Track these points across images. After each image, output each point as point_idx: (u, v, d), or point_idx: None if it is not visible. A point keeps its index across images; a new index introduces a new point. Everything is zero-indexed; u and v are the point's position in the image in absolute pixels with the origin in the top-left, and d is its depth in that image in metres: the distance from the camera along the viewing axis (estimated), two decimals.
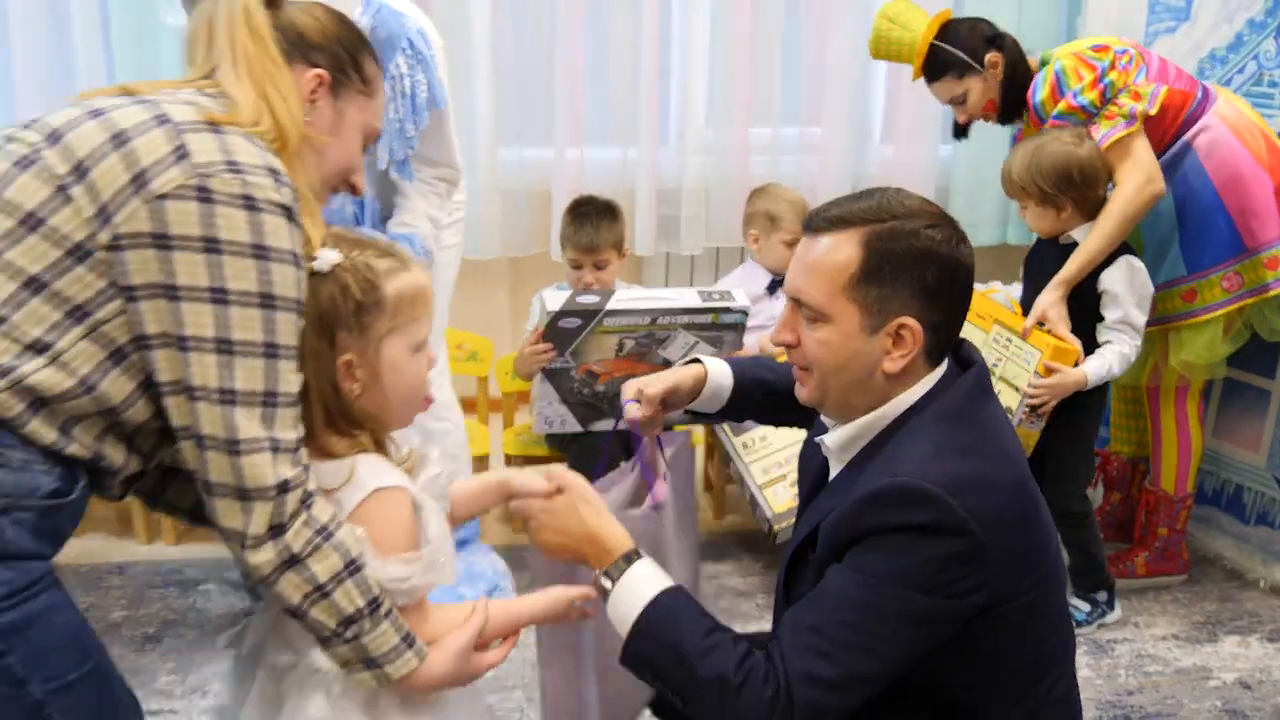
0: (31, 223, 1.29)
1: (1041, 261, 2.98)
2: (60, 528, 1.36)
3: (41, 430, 1.30)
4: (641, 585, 1.53)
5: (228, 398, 1.31)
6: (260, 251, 1.31)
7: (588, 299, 2.82)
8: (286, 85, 1.45)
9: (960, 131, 3.20)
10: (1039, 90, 2.92)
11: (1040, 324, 2.82)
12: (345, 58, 1.54)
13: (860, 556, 1.46)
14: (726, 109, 4.03)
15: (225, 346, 1.30)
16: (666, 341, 2.89)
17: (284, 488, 1.33)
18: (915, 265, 1.50)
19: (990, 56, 2.97)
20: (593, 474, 1.77)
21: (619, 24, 3.92)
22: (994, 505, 1.44)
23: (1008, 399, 2.83)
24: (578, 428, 3.12)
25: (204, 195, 1.29)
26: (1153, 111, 2.85)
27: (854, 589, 1.44)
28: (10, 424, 1.28)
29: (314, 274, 1.41)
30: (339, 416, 1.46)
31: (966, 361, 1.63)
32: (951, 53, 2.99)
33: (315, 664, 1.43)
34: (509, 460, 3.42)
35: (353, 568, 1.38)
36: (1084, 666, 2.87)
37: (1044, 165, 2.80)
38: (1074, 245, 2.88)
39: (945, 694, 1.56)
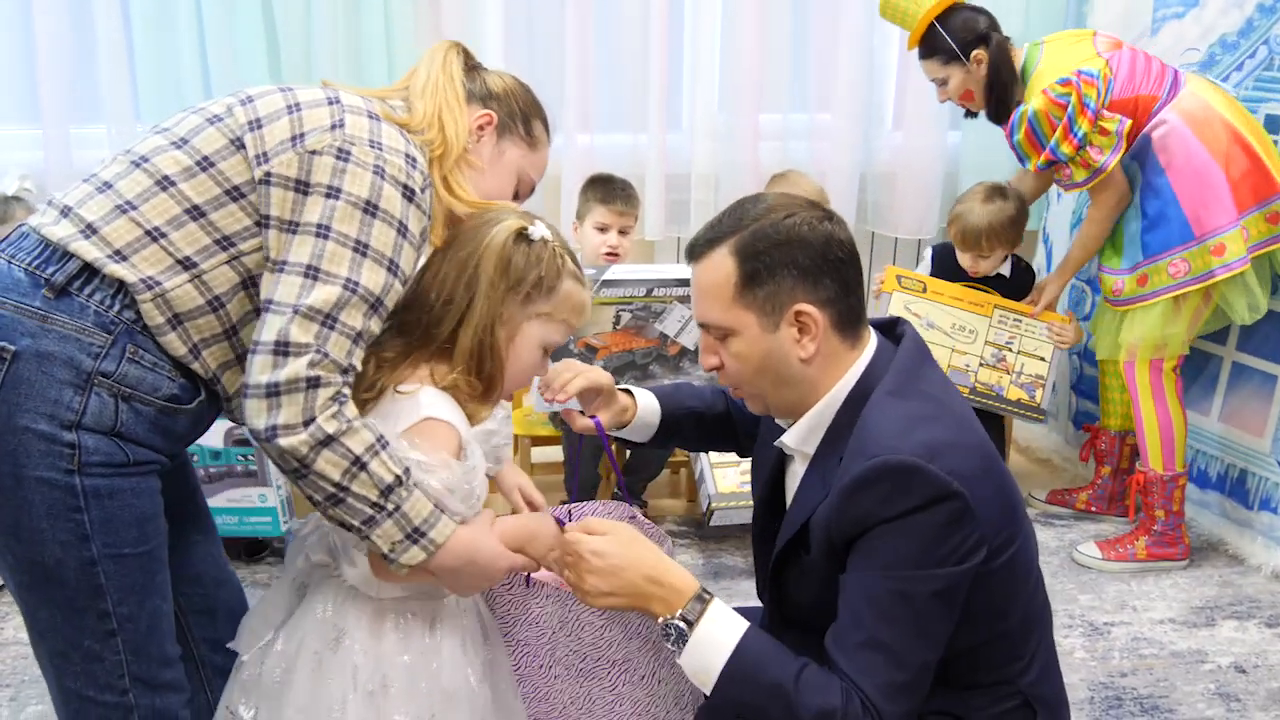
0: (205, 164, 1.55)
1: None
2: (175, 429, 1.60)
3: (175, 343, 1.55)
4: (722, 628, 1.53)
5: (295, 309, 1.48)
6: (370, 208, 1.52)
7: (585, 271, 2.86)
8: (460, 113, 1.73)
9: (970, 113, 3.39)
10: (1016, 130, 3.12)
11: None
12: (516, 111, 1.81)
13: (871, 555, 1.50)
14: (736, 95, 4.04)
15: (312, 272, 1.50)
16: (663, 315, 2.92)
17: (315, 383, 1.48)
18: (786, 254, 1.58)
19: (977, 53, 3.16)
20: (575, 467, 1.85)
21: (629, 10, 3.94)
22: (966, 463, 1.50)
23: (1036, 367, 3.41)
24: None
25: (343, 155, 1.53)
26: (1119, 154, 3.05)
27: (881, 589, 1.49)
28: (151, 331, 1.54)
29: (523, 235, 1.64)
30: (482, 352, 1.63)
31: (898, 336, 1.69)
32: (944, 38, 3.16)
33: (344, 575, 1.62)
34: (517, 441, 3.46)
35: (382, 442, 1.52)
36: (1078, 649, 2.86)
37: (1014, 217, 3.41)
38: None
39: (952, 660, 1.61)
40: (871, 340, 1.66)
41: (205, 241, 1.54)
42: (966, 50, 3.14)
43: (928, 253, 3.68)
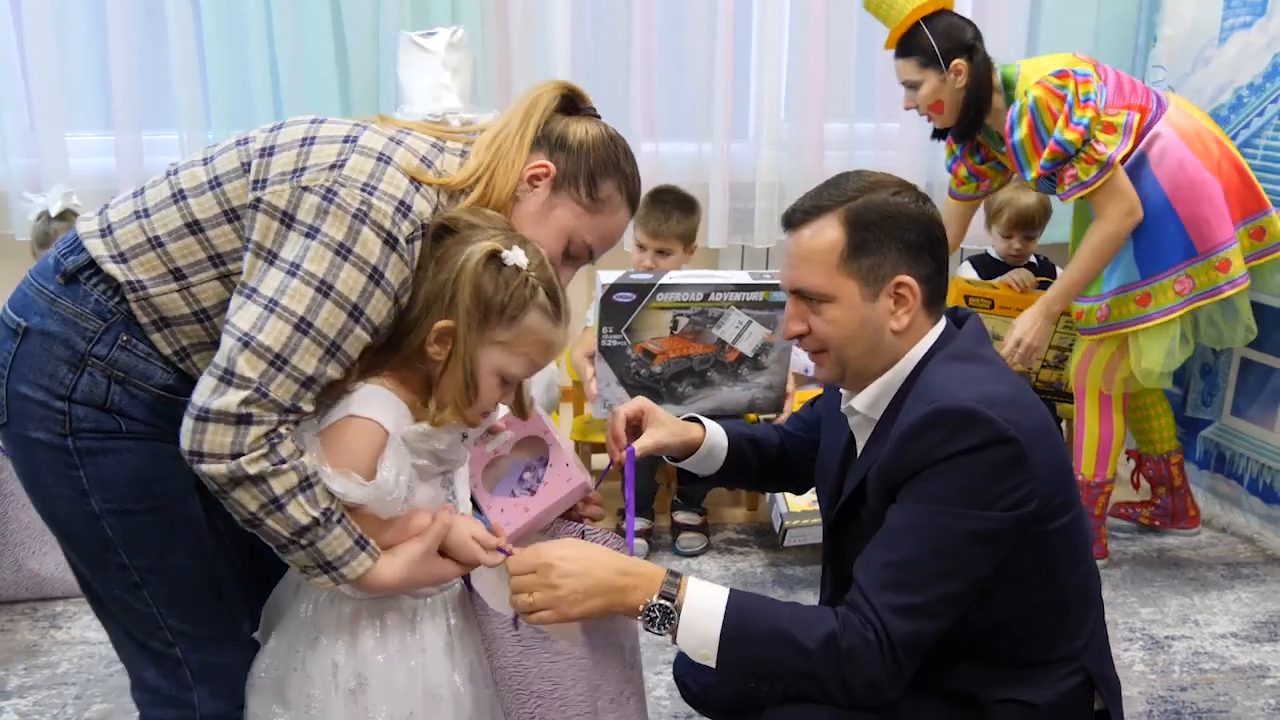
0: (215, 183, 1.60)
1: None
2: (176, 415, 1.54)
3: (162, 343, 1.61)
4: (707, 597, 1.58)
5: (245, 339, 1.48)
6: (343, 250, 1.51)
7: (642, 275, 2.88)
8: (517, 161, 1.67)
9: (937, 132, 3.27)
10: (1016, 128, 2.97)
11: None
12: (582, 169, 1.69)
13: (917, 488, 1.56)
14: (802, 103, 4.05)
15: (271, 305, 1.50)
16: (720, 320, 2.93)
17: (246, 419, 1.47)
18: (894, 228, 1.64)
19: (957, 62, 3.04)
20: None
21: (696, 17, 3.97)
22: (1024, 418, 1.56)
23: None
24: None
25: (329, 196, 1.52)
26: (1126, 148, 2.95)
27: (919, 519, 1.55)
28: (141, 328, 1.60)
29: (495, 258, 1.55)
30: (411, 357, 1.59)
31: (960, 319, 1.76)
32: (926, 39, 3.04)
33: None
34: (577, 446, 3.50)
35: (306, 482, 1.51)
36: (1138, 661, 2.85)
37: (1047, 200, 3.61)
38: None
39: (1015, 632, 1.65)
40: (943, 319, 1.73)
41: (199, 256, 1.59)
42: (948, 57, 3.03)
43: (965, 264, 3.76)
